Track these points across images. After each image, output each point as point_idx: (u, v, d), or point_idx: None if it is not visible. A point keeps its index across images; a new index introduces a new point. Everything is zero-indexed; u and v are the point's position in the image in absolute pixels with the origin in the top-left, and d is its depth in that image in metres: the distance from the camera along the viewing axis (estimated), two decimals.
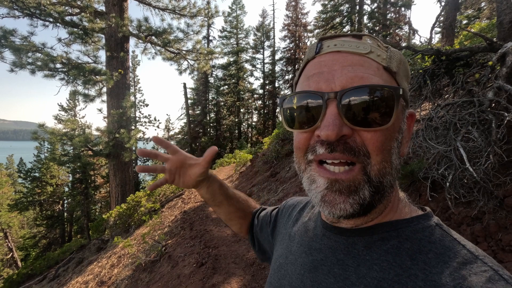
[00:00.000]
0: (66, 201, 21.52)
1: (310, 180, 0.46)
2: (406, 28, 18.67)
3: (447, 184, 2.16)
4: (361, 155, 0.42)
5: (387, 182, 0.44)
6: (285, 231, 0.68)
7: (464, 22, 11.51)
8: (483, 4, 12.68)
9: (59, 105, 22.73)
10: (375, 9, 17.84)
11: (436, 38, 11.18)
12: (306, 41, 27.98)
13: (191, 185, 0.78)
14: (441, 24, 7.53)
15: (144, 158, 25.42)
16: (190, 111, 25.57)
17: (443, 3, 6.72)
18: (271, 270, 0.64)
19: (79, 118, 22.92)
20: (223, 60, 28.11)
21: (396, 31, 18.96)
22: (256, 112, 30.31)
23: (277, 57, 28.88)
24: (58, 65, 9.49)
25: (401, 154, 0.47)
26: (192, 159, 0.76)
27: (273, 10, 29.35)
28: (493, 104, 2.26)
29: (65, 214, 21.36)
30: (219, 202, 0.85)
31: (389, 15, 18.85)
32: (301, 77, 0.50)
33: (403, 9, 18.59)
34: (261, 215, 0.86)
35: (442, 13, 6.75)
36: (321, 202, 0.44)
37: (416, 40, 18.62)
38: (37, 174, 20.28)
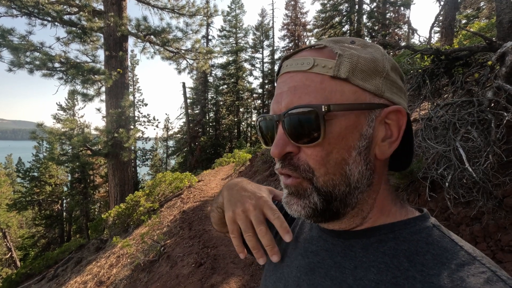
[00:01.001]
0: (65, 201, 21.50)
1: (281, 187, 0.52)
2: (405, 27, 18.70)
3: (446, 184, 2.16)
4: (300, 171, 0.46)
5: (339, 191, 0.45)
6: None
7: (463, 21, 11.53)
8: (482, 3, 12.70)
9: (58, 105, 22.71)
10: (374, 9, 17.85)
11: (435, 37, 11.21)
12: (306, 40, 27.98)
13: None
14: (440, 23, 7.52)
15: (143, 156, 25.57)
16: (189, 111, 25.53)
17: (442, 3, 6.72)
18: (266, 271, 0.63)
19: (78, 118, 22.92)
20: (222, 60, 28.12)
21: (396, 30, 18.98)
22: (256, 111, 30.28)
23: (276, 56, 28.86)
24: (57, 64, 9.46)
25: (379, 156, 0.47)
26: None
27: (272, 9, 29.38)
28: (493, 104, 2.26)
29: (64, 213, 21.36)
30: None
31: (388, 14, 18.87)
32: None
33: (402, 8, 18.62)
34: None
35: (441, 13, 6.75)
36: (284, 204, 0.50)
37: (415, 40, 18.63)
38: (35, 174, 20.24)
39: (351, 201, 0.46)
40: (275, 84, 0.53)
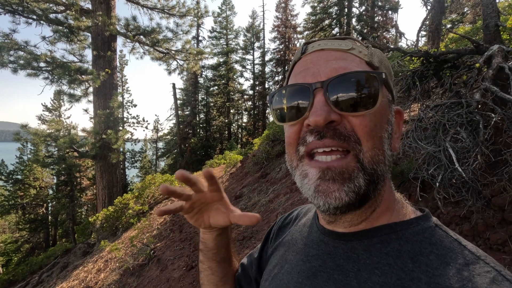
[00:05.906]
0: (50, 204, 20.87)
1: (302, 176, 0.45)
2: (393, 31, 19.12)
3: (437, 184, 2.19)
4: (351, 141, 0.42)
5: (380, 170, 0.44)
6: (277, 242, 0.66)
7: (448, 26, 11.85)
8: (466, 9, 13.08)
9: (43, 105, 22.08)
10: (363, 12, 18.18)
11: (422, 40, 11.48)
12: (296, 42, 28.18)
13: (204, 226, 0.64)
14: (427, 27, 7.70)
15: (132, 158, 25.15)
16: (179, 112, 25.28)
17: (429, 7, 6.88)
18: (264, 281, 0.60)
19: (64, 119, 22.30)
20: (212, 61, 28.04)
21: (384, 33, 19.36)
22: (246, 113, 30.28)
23: (267, 58, 28.96)
24: (42, 64, 9.21)
25: (393, 149, 0.48)
26: (224, 206, 0.62)
27: (263, 11, 29.41)
28: (480, 106, 2.31)
29: (49, 217, 20.70)
30: (221, 259, 0.71)
31: (377, 18, 19.24)
32: (289, 78, 0.52)
33: (390, 12, 19.03)
34: (245, 261, 0.78)
35: (428, 17, 6.91)
36: (315, 193, 0.43)
37: (402, 43, 19.09)
38: (19, 177, 19.59)
39: (378, 186, 0.45)
40: (294, 65, 0.52)
